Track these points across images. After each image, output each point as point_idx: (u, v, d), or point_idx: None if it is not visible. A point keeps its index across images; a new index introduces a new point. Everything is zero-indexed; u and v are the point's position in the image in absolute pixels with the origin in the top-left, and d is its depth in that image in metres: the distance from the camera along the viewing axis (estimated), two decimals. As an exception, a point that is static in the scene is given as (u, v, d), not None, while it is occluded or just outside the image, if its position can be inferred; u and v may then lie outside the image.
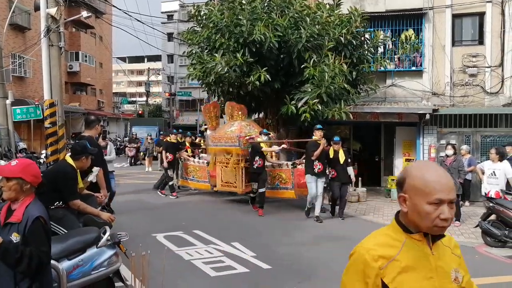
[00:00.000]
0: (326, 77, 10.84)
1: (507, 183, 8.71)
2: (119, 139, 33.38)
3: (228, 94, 13.47)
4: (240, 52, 11.33)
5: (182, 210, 10.74)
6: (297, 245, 7.43)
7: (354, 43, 12.19)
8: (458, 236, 8.47)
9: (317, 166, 9.48)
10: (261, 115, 14.65)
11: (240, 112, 11.87)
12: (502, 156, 8.90)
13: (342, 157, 9.79)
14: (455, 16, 13.48)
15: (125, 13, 24.17)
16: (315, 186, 9.50)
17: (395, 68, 13.76)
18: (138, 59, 72.09)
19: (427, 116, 12.25)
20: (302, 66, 11.36)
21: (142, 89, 58.16)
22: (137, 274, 4.36)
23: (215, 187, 11.94)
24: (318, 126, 9.88)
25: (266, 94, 12.34)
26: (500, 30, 12.95)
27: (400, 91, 13.68)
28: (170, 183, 12.62)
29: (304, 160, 10.09)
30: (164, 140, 13.92)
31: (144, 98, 49.28)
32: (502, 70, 12.97)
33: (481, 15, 13.31)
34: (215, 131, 11.90)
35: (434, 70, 13.39)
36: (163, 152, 12.76)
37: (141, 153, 23.88)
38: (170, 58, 49.98)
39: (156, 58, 56.88)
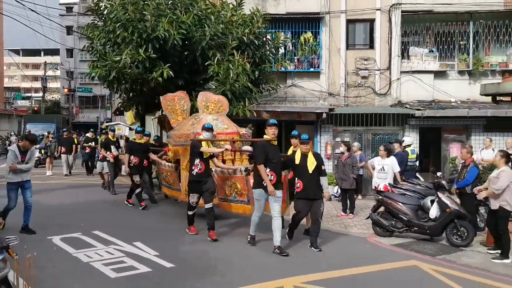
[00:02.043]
0: (231, 75, 11.04)
1: (394, 177, 9.52)
2: (11, 136, 30.79)
3: (130, 91, 13.17)
4: (142, 48, 11.13)
5: (80, 210, 10.27)
6: (201, 243, 7.50)
7: (257, 43, 12.51)
8: (352, 227, 9.09)
9: (268, 177, 6.95)
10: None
11: (217, 105, 9.82)
12: (389, 153, 9.69)
13: (311, 164, 7.14)
14: (349, 21, 14.44)
15: (17, 1, 22.35)
16: (263, 205, 7.17)
17: (295, 69, 14.38)
18: (34, 52, 67.56)
19: (324, 115, 13.03)
20: (206, 64, 11.44)
21: (38, 84, 54.36)
22: (24, 278, 4.17)
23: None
24: (272, 121, 7.37)
25: (170, 91, 12.22)
26: (388, 36, 14.14)
27: (299, 91, 14.34)
28: (137, 190, 10.72)
29: None
30: (128, 140, 12.54)
31: (41, 94, 46.11)
32: (390, 73, 14.17)
33: (372, 21, 14.41)
34: (177, 128, 9.81)
35: (330, 71, 14.24)
36: (126, 155, 10.86)
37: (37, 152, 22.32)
38: (70, 52, 47.54)
39: (54, 52, 53.64)
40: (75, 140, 18.63)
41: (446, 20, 14.33)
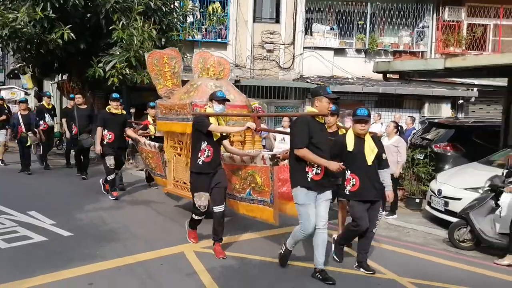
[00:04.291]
0: (135, 41, 10.78)
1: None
2: None
3: (25, 51, 12.29)
4: (40, 6, 10.41)
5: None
6: (100, 210, 7.43)
7: (164, 9, 12.28)
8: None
9: (313, 169, 4.60)
10: (65, 77, 13.79)
11: (218, 69, 7.61)
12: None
13: (370, 151, 5.00)
14: (256, -6, 14.72)
15: None
16: (313, 213, 4.61)
17: (203, 38, 14.42)
18: None
19: (230, 86, 13.27)
20: (110, 28, 11.03)
21: None
22: None
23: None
24: (328, 89, 4.80)
25: (71, 54, 11.64)
26: (293, 11, 14.65)
27: (206, 61, 14.39)
28: (110, 177, 8.25)
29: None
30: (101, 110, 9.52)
31: None
32: (294, 48, 14.78)
33: (279, -5, 14.82)
34: (168, 96, 7.39)
35: (237, 43, 14.51)
36: (99, 128, 8.33)
37: None
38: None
39: None
40: None
41: (347, -1, 15.16)
